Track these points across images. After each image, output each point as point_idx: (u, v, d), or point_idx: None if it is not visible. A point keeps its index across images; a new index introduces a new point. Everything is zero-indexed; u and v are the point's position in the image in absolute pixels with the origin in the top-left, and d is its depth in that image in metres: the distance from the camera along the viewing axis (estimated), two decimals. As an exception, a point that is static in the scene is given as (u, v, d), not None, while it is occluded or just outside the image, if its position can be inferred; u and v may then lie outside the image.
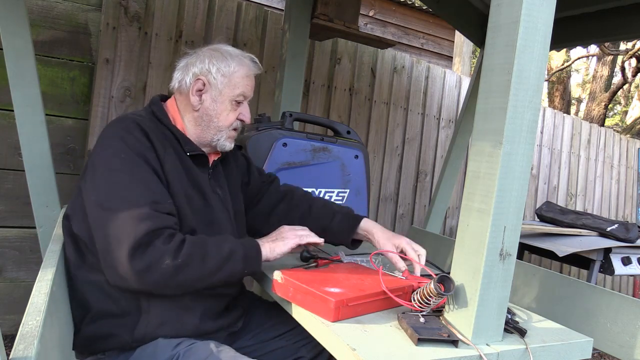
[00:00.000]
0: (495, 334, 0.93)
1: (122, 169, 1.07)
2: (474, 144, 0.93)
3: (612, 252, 2.62)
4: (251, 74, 1.29)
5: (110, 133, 1.14)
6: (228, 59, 1.25)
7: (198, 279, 1.06)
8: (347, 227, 1.38)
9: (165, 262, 1.01)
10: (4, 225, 2.21)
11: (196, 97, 1.24)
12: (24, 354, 0.70)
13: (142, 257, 0.99)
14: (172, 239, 1.04)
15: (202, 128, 1.25)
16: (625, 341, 1.47)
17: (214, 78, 1.23)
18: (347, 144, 1.76)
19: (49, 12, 2.26)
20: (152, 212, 1.03)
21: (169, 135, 1.21)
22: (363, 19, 5.43)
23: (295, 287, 1.03)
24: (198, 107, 1.24)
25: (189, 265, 1.03)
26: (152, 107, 1.26)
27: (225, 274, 1.09)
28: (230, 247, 1.10)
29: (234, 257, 1.09)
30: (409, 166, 3.43)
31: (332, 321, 0.94)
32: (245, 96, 1.28)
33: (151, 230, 1.01)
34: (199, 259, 1.05)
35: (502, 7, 0.90)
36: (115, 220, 1.02)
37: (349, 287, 1.03)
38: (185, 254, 1.03)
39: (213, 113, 1.24)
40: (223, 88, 1.24)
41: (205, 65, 1.24)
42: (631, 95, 11.13)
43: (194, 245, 1.06)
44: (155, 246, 1.01)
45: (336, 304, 0.94)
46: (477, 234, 0.90)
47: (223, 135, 1.27)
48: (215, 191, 1.27)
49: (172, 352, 1.08)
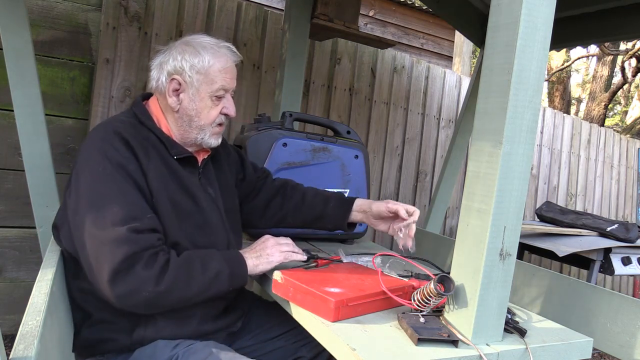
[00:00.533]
0: (495, 334, 0.93)
1: (100, 185, 1.03)
2: (474, 144, 0.93)
3: (612, 252, 2.62)
4: (229, 65, 1.21)
5: (90, 145, 1.10)
6: (202, 53, 1.17)
7: (183, 300, 1.05)
8: (342, 210, 1.39)
9: (148, 289, 0.98)
10: (4, 225, 2.21)
11: (174, 98, 1.18)
12: (24, 354, 0.70)
13: (122, 282, 0.97)
14: (155, 261, 1.00)
15: (184, 128, 1.20)
16: (625, 341, 1.47)
17: (189, 76, 1.16)
18: (347, 144, 1.76)
19: (49, 12, 2.26)
20: (130, 234, 0.99)
21: (153, 139, 1.16)
22: (363, 19, 5.43)
23: (295, 287, 1.03)
24: (177, 108, 1.19)
25: (173, 290, 1.01)
26: (134, 110, 1.21)
27: (211, 293, 1.08)
28: (217, 267, 1.08)
29: (220, 277, 1.08)
30: (409, 166, 3.43)
31: (332, 321, 0.94)
32: (225, 89, 1.21)
33: (129, 256, 0.97)
34: (183, 283, 1.03)
35: (502, 7, 0.90)
36: (94, 243, 0.99)
37: (349, 287, 1.03)
38: (168, 280, 1.00)
39: (193, 112, 1.18)
40: (200, 85, 1.17)
41: (178, 62, 1.17)
42: (631, 95, 11.13)
43: (179, 268, 1.03)
44: (136, 272, 0.98)
45: (336, 304, 0.94)
46: (477, 234, 0.90)
47: (207, 133, 1.21)
48: (206, 191, 1.24)
49: (171, 353, 1.08)
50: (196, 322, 1.14)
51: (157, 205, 1.10)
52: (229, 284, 1.10)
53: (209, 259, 1.09)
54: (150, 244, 1.02)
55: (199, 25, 2.54)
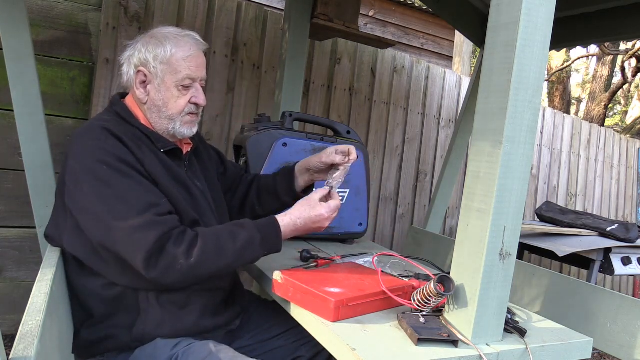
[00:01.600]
0: (495, 334, 0.93)
1: (109, 181, 1.04)
2: (474, 144, 0.93)
3: (612, 252, 2.62)
4: (194, 53, 1.20)
5: (83, 145, 1.09)
6: (164, 43, 1.17)
7: (217, 272, 1.08)
8: (288, 178, 1.42)
9: (180, 263, 1.01)
10: (4, 225, 2.21)
11: (141, 90, 1.20)
12: (24, 354, 0.70)
13: (156, 264, 1.00)
14: (183, 238, 1.04)
15: (154, 119, 1.21)
16: (625, 341, 1.47)
17: (153, 67, 1.17)
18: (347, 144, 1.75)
19: (49, 12, 2.26)
20: (155, 217, 1.02)
21: (139, 134, 1.18)
22: (363, 19, 5.43)
23: (295, 287, 1.03)
24: (145, 100, 1.20)
25: (204, 262, 1.04)
26: (114, 108, 1.22)
27: (246, 260, 1.10)
28: (247, 235, 1.09)
29: (252, 245, 1.09)
30: (409, 166, 3.43)
31: (332, 321, 0.94)
32: (192, 78, 1.20)
33: (160, 237, 1.01)
34: (213, 255, 1.05)
35: (502, 7, 0.90)
36: (122, 235, 1.01)
37: (348, 287, 1.03)
38: (198, 252, 1.03)
39: (160, 103, 1.19)
40: (164, 75, 1.17)
41: (143, 54, 1.18)
42: (631, 95, 11.13)
43: (207, 241, 1.05)
44: (168, 251, 1.01)
45: (336, 304, 0.94)
46: (477, 234, 0.90)
47: (177, 123, 1.21)
48: (194, 184, 1.26)
49: (171, 352, 1.08)
50: (195, 317, 1.14)
51: (163, 193, 1.12)
52: (262, 249, 1.11)
53: (239, 227, 1.11)
54: (174, 224, 1.05)
55: (199, 25, 2.54)
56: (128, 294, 1.10)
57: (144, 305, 1.10)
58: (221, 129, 2.64)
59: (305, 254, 1.35)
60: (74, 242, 1.11)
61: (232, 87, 2.66)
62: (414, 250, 2.47)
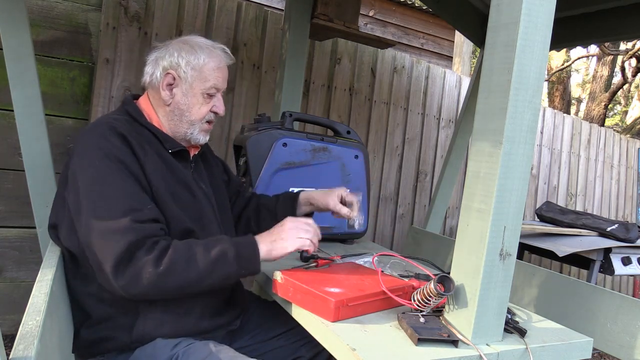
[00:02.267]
0: (495, 334, 0.93)
1: (100, 179, 1.05)
2: (474, 144, 0.93)
3: (612, 252, 2.62)
4: (222, 66, 1.26)
5: (86, 141, 1.11)
6: (198, 51, 1.22)
7: (187, 285, 1.03)
8: (290, 203, 1.44)
9: (148, 271, 0.99)
10: (4, 225, 2.21)
11: (167, 92, 1.22)
12: (24, 354, 0.70)
13: (124, 271, 0.99)
14: (155, 247, 1.02)
15: (174, 122, 1.24)
16: (625, 341, 1.47)
17: (183, 72, 1.21)
18: (347, 144, 1.76)
19: (49, 12, 2.26)
20: (132, 223, 1.01)
21: (147, 134, 1.19)
22: (363, 19, 5.43)
23: (295, 287, 1.03)
24: (169, 102, 1.23)
25: (173, 272, 1.01)
26: (126, 107, 1.24)
27: (218, 276, 1.05)
28: (220, 248, 1.06)
29: (225, 259, 1.05)
30: (409, 166, 3.43)
31: (332, 321, 0.94)
32: (217, 88, 1.25)
33: (132, 244, 0.99)
34: (183, 265, 1.02)
35: (502, 7, 0.90)
36: (97, 236, 1.01)
37: (348, 287, 1.03)
38: (167, 261, 1.00)
39: (185, 107, 1.22)
40: (193, 81, 1.22)
41: (175, 58, 1.21)
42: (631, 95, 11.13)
43: (178, 250, 1.03)
44: (137, 258, 0.99)
45: (336, 304, 0.94)
46: (477, 234, 0.90)
47: (196, 129, 1.25)
48: (199, 186, 1.26)
49: (171, 352, 1.08)
50: (195, 317, 1.14)
51: (158, 197, 1.12)
52: (237, 267, 1.06)
53: (214, 241, 1.08)
54: (152, 233, 1.04)
55: (199, 25, 2.54)
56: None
57: (143, 307, 1.10)
58: (221, 129, 2.64)
59: (305, 254, 1.35)
60: (69, 236, 1.11)
61: (232, 87, 2.66)
62: (414, 250, 2.47)
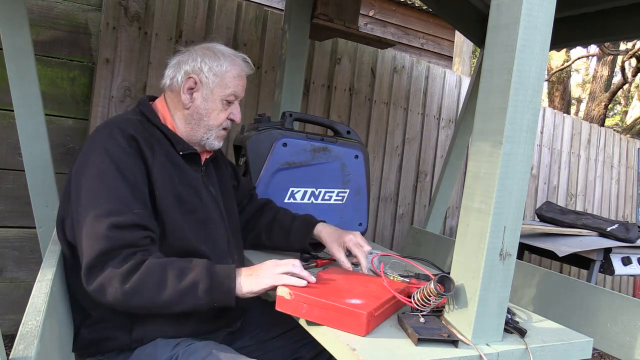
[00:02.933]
0: (495, 334, 0.93)
1: (96, 179, 1.05)
2: (474, 144, 0.93)
3: (612, 252, 2.62)
4: (243, 74, 1.29)
5: (94, 140, 1.12)
6: (220, 59, 1.25)
7: (153, 307, 1.01)
8: (304, 230, 1.39)
9: (114, 286, 0.98)
10: (4, 225, 2.21)
11: (187, 95, 1.23)
12: (24, 354, 0.70)
13: (94, 278, 0.99)
14: (128, 260, 0.99)
15: (192, 126, 1.25)
16: (625, 341, 1.47)
17: (205, 77, 1.23)
18: (347, 144, 1.76)
19: (49, 12, 2.26)
20: (109, 231, 0.99)
21: (159, 135, 1.20)
22: (363, 19, 5.43)
23: (310, 302, 0.94)
24: (189, 106, 1.24)
25: (139, 292, 0.98)
26: (140, 108, 1.25)
27: (187, 306, 1.01)
28: (193, 278, 1.00)
29: (195, 291, 1.00)
30: (409, 166, 3.43)
31: (363, 335, 0.89)
32: (236, 96, 1.28)
33: (104, 252, 0.98)
34: (151, 287, 0.99)
35: (502, 7, 0.90)
36: (81, 235, 1.02)
37: (365, 297, 0.98)
38: (136, 279, 0.98)
39: (204, 112, 1.24)
40: (214, 87, 1.24)
41: (198, 63, 1.23)
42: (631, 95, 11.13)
43: (150, 271, 0.99)
44: (107, 269, 0.98)
45: (368, 316, 0.89)
46: (477, 234, 0.90)
47: (212, 134, 1.27)
48: (208, 189, 1.27)
49: (171, 352, 1.08)
50: (196, 318, 1.14)
51: (162, 200, 1.12)
52: (208, 299, 1.01)
53: (190, 268, 1.03)
54: (129, 242, 1.01)
55: (199, 25, 2.54)
56: None
57: None
58: (221, 129, 2.64)
59: (305, 254, 1.35)
60: (71, 227, 1.11)
61: (232, 87, 2.66)
62: (414, 250, 2.47)
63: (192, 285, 1.00)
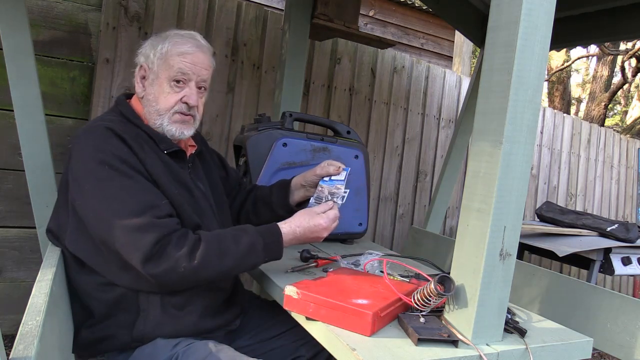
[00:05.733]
0: (495, 334, 0.93)
1: (110, 180, 1.05)
2: (474, 144, 0.93)
3: (612, 252, 2.62)
4: (191, 52, 1.20)
5: (85, 145, 1.10)
6: (165, 40, 1.21)
7: (220, 275, 1.09)
8: (283, 191, 1.43)
9: (182, 266, 1.01)
10: (4, 225, 2.21)
11: (140, 85, 1.23)
12: (24, 354, 0.70)
13: (156, 265, 1.00)
14: (185, 241, 1.03)
15: (149, 115, 1.21)
16: (625, 341, 1.46)
17: (152, 62, 1.21)
18: (347, 144, 1.76)
19: (49, 12, 2.26)
20: (153, 219, 1.02)
21: (142, 135, 1.18)
22: (363, 19, 5.43)
23: (317, 302, 0.96)
24: (142, 94, 1.23)
25: (207, 265, 1.04)
26: (119, 108, 1.23)
27: (247, 266, 1.11)
28: (249, 240, 1.10)
29: (255, 250, 1.09)
30: (409, 166, 3.43)
31: (369, 335, 0.89)
32: (184, 73, 1.19)
33: (159, 240, 1.01)
34: (216, 258, 1.05)
35: (502, 7, 0.90)
36: (120, 234, 1.01)
37: (372, 297, 0.98)
38: (201, 255, 1.03)
39: (152, 97, 1.20)
40: (159, 70, 1.20)
41: (146, 50, 1.23)
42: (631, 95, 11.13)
43: (210, 244, 1.06)
44: (169, 254, 1.01)
45: (373, 316, 0.89)
46: (477, 234, 0.90)
47: (165, 120, 1.20)
48: (197, 185, 1.26)
49: (171, 352, 1.08)
50: (196, 317, 1.14)
51: (164, 194, 1.12)
52: (264, 255, 1.11)
53: (242, 232, 1.12)
54: (174, 227, 1.06)
55: (199, 25, 2.54)
56: (128, 295, 1.10)
57: (144, 306, 1.10)
58: (221, 129, 2.64)
59: (305, 254, 1.35)
60: (75, 240, 1.11)
61: (232, 87, 2.66)
62: (414, 250, 2.47)
63: (251, 246, 1.09)
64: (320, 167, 1.37)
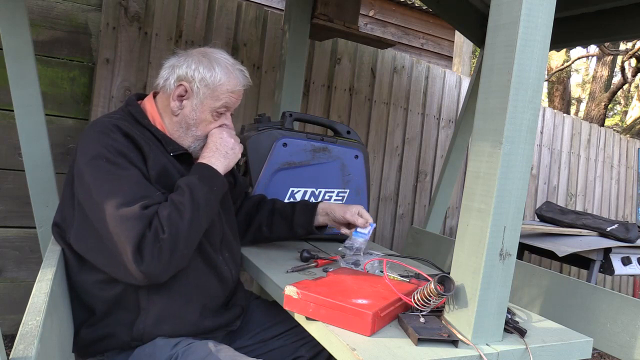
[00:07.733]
0: (495, 334, 0.93)
1: (107, 173, 1.06)
2: (474, 144, 0.93)
3: (612, 252, 2.62)
4: (237, 88, 1.25)
5: (89, 139, 1.12)
6: (215, 69, 1.21)
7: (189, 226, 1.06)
8: (308, 213, 1.42)
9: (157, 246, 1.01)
10: (4, 225, 2.21)
11: (177, 102, 1.21)
12: (24, 354, 0.70)
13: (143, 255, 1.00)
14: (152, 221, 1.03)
15: (179, 133, 1.23)
16: (625, 341, 1.47)
17: (197, 87, 1.20)
18: (347, 144, 1.76)
19: (49, 12, 2.26)
20: (142, 211, 1.02)
21: (149, 136, 1.19)
22: (363, 19, 5.43)
23: (317, 302, 0.95)
24: (177, 113, 1.22)
25: (174, 225, 1.04)
26: (128, 108, 1.23)
27: (203, 203, 1.09)
28: (185, 183, 1.10)
29: (195, 186, 1.10)
30: (409, 166, 3.43)
31: (369, 335, 0.89)
32: (227, 107, 1.25)
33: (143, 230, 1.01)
34: (175, 214, 1.05)
35: (502, 7, 0.90)
36: (111, 224, 1.01)
37: (372, 297, 0.98)
38: (165, 222, 1.02)
39: (192, 122, 1.22)
40: (205, 99, 1.21)
41: (191, 71, 1.20)
42: (631, 95, 11.14)
43: (163, 208, 1.05)
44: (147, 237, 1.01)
45: (373, 316, 0.89)
46: (477, 234, 0.90)
47: (200, 144, 1.25)
48: None
49: (170, 351, 1.08)
50: (196, 317, 1.14)
51: None
52: (207, 187, 1.12)
53: (177, 186, 1.12)
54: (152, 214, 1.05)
55: (199, 25, 2.54)
56: (129, 292, 1.10)
57: (144, 304, 1.10)
58: (221, 129, 2.64)
59: (305, 254, 1.35)
60: (79, 235, 1.11)
61: (232, 87, 2.66)
62: (414, 250, 2.47)
63: (190, 184, 1.10)
64: (351, 212, 1.36)
